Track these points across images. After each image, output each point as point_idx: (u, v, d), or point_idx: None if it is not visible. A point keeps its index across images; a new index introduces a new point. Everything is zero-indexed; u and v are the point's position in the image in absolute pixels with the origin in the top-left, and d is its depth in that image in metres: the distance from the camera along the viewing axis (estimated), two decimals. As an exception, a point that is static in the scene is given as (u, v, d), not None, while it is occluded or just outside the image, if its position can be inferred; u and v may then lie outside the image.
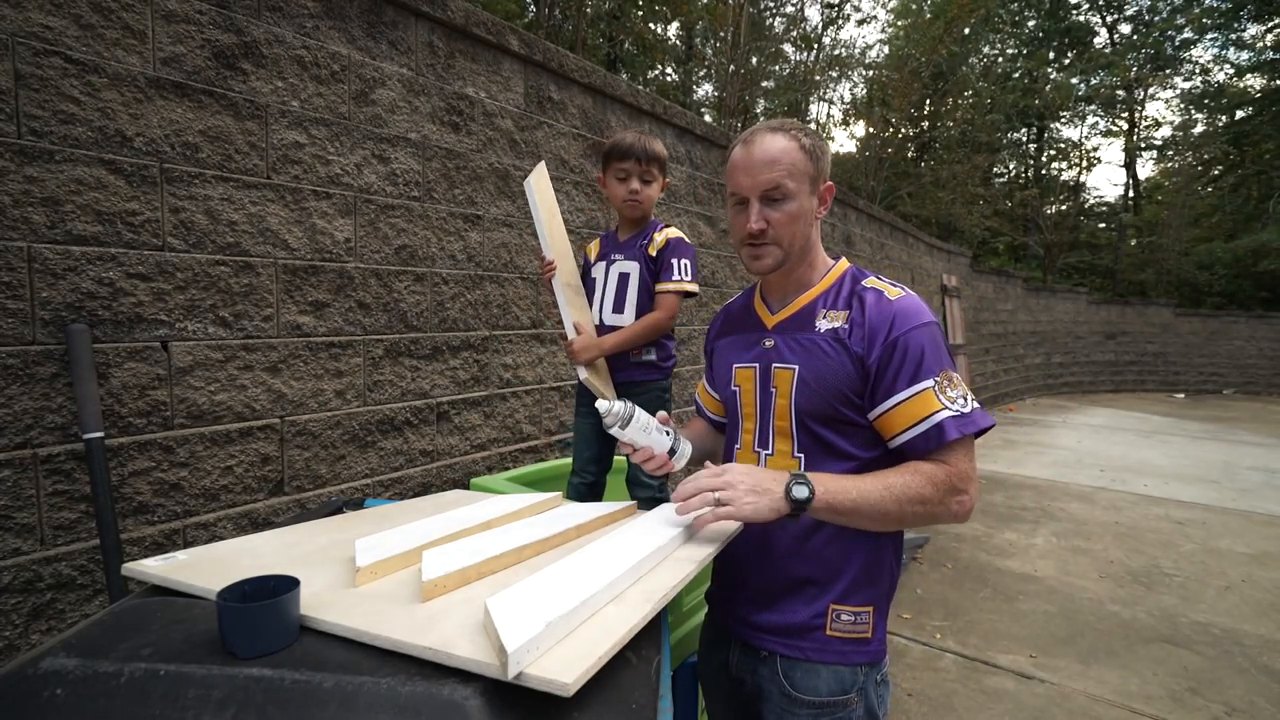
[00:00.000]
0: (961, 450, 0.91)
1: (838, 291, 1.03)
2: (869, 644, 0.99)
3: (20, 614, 1.48)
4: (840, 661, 0.97)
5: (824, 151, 1.02)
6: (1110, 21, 21.04)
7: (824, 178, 1.02)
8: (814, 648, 0.98)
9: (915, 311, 0.96)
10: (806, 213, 1.00)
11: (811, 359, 0.99)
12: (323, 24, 2.00)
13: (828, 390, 0.97)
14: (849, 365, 0.96)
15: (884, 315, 0.96)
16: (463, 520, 1.01)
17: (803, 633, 0.98)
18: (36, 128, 1.47)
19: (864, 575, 0.99)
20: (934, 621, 3.08)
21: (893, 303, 0.97)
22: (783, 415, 1.01)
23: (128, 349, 1.62)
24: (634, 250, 1.80)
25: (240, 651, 0.60)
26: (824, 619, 0.98)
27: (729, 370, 1.10)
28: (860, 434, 0.98)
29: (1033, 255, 19.60)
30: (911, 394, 0.92)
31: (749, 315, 1.14)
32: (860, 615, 0.98)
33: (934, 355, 0.93)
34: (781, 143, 0.98)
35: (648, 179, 1.77)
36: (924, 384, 0.91)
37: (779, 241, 1.00)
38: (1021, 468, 6.40)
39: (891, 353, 0.93)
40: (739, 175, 1.01)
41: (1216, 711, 2.38)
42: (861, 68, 13.56)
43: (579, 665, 0.58)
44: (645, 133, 1.82)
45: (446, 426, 2.42)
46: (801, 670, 0.98)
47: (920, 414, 0.91)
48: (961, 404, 0.91)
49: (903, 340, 0.93)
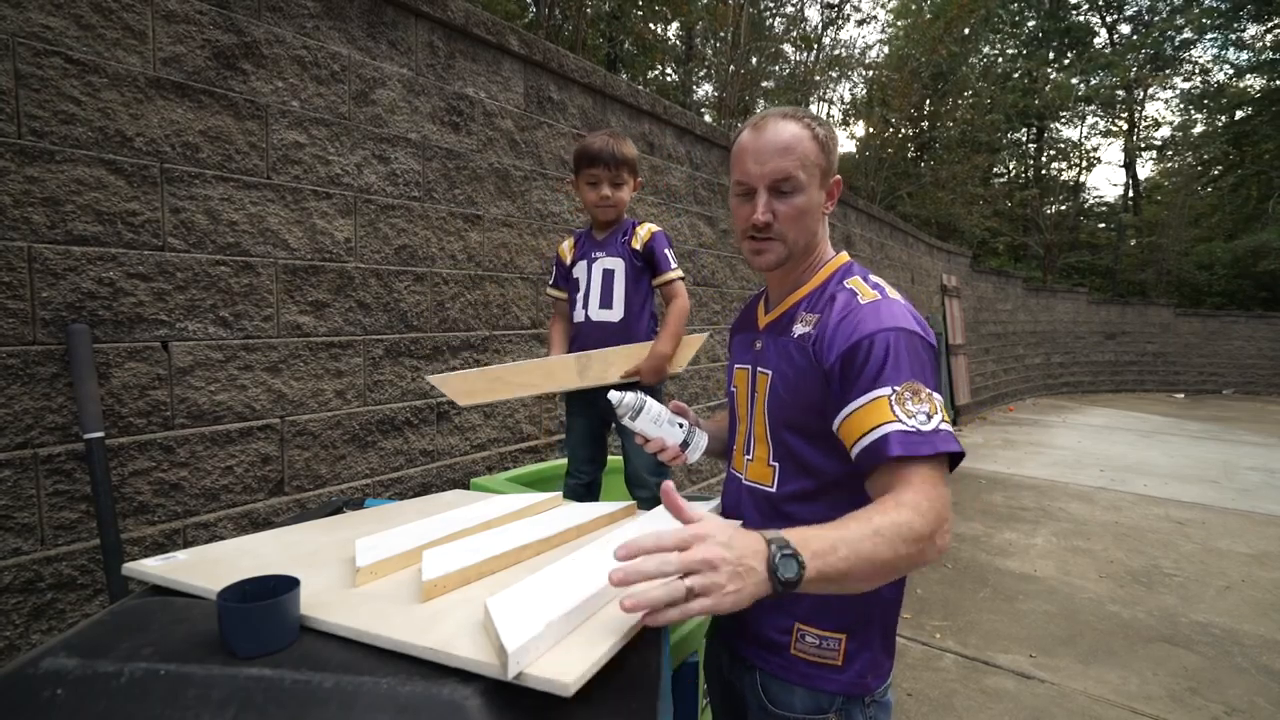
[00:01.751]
0: (929, 478, 0.78)
1: (821, 292, 0.97)
2: (840, 672, 0.91)
3: (20, 614, 1.48)
4: (806, 685, 0.92)
5: (836, 143, 0.97)
6: (1110, 21, 21.06)
7: (834, 171, 0.96)
8: (781, 664, 0.94)
9: (886, 316, 0.87)
10: (815, 207, 0.95)
11: (783, 365, 0.95)
12: (323, 24, 2.00)
13: (796, 398, 0.92)
14: (812, 373, 0.90)
15: (848, 319, 0.88)
16: (463, 520, 1.01)
17: (771, 647, 0.95)
18: (37, 128, 1.48)
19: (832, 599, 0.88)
20: (934, 621, 3.08)
21: (861, 306, 0.89)
22: (760, 421, 0.98)
23: (128, 349, 1.62)
24: (615, 247, 1.82)
25: (240, 651, 0.60)
26: (789, 637, 0.93)
27: (732, 370, 1.09)
28: (829, 446, 0.90)
29: (1033, 255, 19.61)
30: (864, 401, 0.82)
31: (751, 312, 1.12)
32: (827, 641, 0.91)
33: (898, 363, 0.83)
34: (795, 130, 0.92)
35: (618, 182, 1.79)
36: (879, 391, 0.81)
37: (784, 237, 0.94)
38: (1021, 468, 6.40)
39: (852, 357, 0.85)
40: (747, 162, 0.93)
41: (1216, 711, 2.38)
42: (861, 68, 13.57)
43: (579, 665, 0.58)
44: (616, 134, 1.82)
45: (446, 426, 2.42)
46: (776, 685, 0.94)
47: (869, 424, 0.81)
48: (920, 420, 0.79)
49: (865, 344, 0.84)
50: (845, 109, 14.28)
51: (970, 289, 10.58)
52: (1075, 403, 12.25)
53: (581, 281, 1.85)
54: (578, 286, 1.86)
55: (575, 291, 1.86)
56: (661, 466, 1.81)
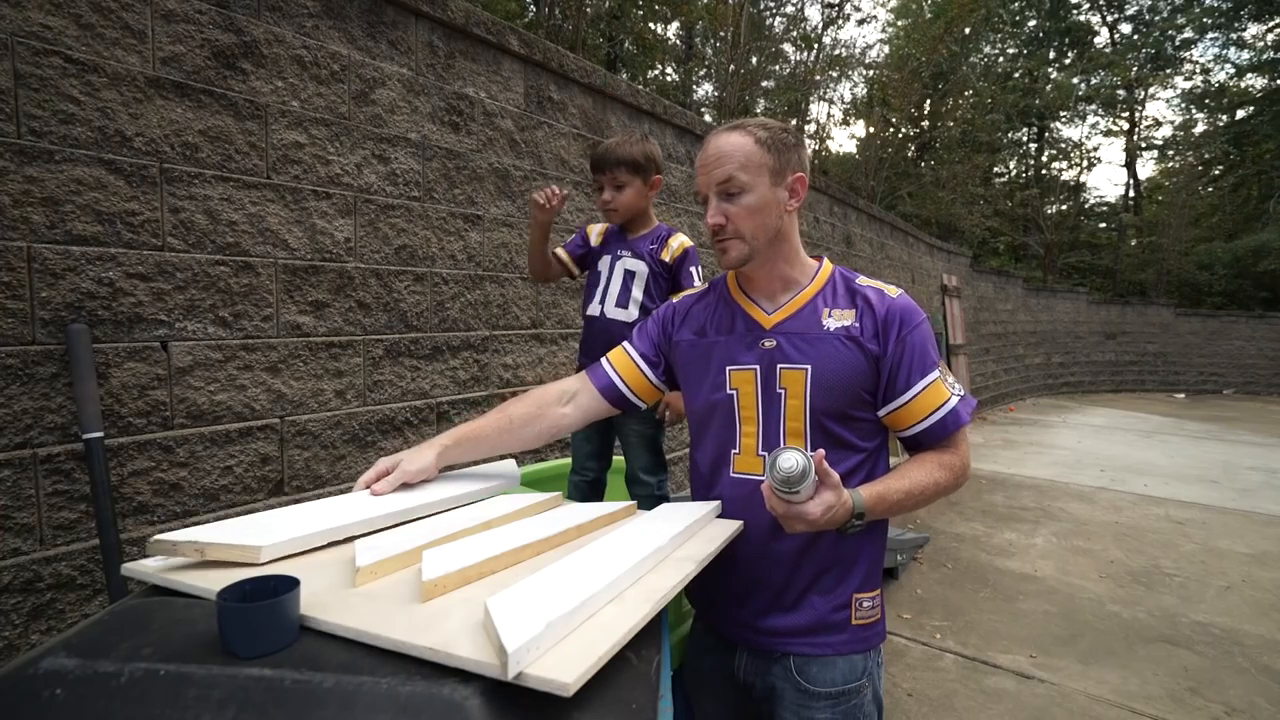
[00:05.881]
0: (960, 435, 1.02)
1: (834, 291, 1.06)
2: (879, 624, 1.06)
3: (20, 614, 1.48)
4: (859, 649, 1.02)
5: (786, 144, 1.02)
6: (1110, 21, 21.06)
7: (791, 169, 1.02)
8: (840, 640, 1.01)
9: (914, 309, 1.03)
10: (769, 204, 1.02)
11: (824, 358, 1.00)
12: (323, 24, 2.00)
13: (843, 388, 1.00)
14: (864, 363, 1.00)
15: (892, 313, 1.01)
16: (463, 520, 1.01)
17: (826, 629, 1.01)
18: (36, 128, 1.47)
19: (874, 563, 1.05)
20: (934, 621, 3.08)
21: (895, 300, 1.03)
22: (795, 415, 1.01)
23: (127, 349, 1.62)
24: (643, 250, 1.81)
25: (240, 651, 0.60)
26: (848, 610, 1.02)
27: (721, 373, 1.07)
28: (865, 427, 1.03)
29: (1033, 255, 19.60)
30: (924, 386, 0.99)
31: (734, 315, 1.11)
32: (875, 599, 1.05)
33: (933, 349, 1.01)
34: (734, 139, 1.02)
35: (619, 185, 1.78)
36: (932, 376, 0.99)
37: (740, 235, 1.03)
38: (1021, 468, 6.40)
39: (903, 350, 0.99)
40: (699, 174, 1.06)
41: (1216, 711, 2.38)
42: (861, 68, 13.56)
43: (579, 665, 0.58)
44: (631, 134, 1.82)
45: (446, 426, 2.42)
46: (817, 665, 1.00)
47: (935, 403, 0.99)
48: (960, 389, 1.02)
49: (910, 337, 0.99)
50: (845, 109, 14.28)
51: (970, 289, 10.58)
52: (1075, 403, 12.25)
53: (603, 275, 1.84)
54: (598, 280, 1.85)
55: (594, 284, 1.86)
56: (660, 466, 1.81)
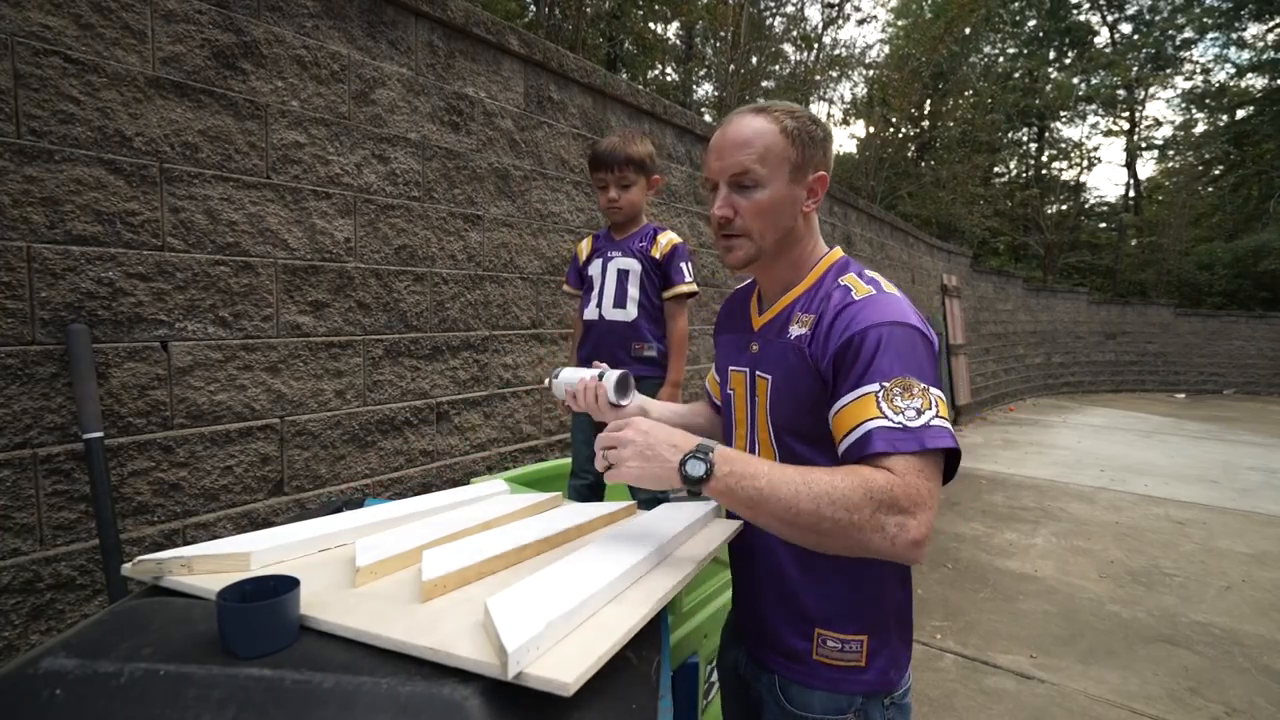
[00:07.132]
0: (912, 468, 0.75)
1: (816, 291, 0.93)
2: (863, 673, 0.90)
3: (20, 614, 1.48)
4: (828, 688, 0.91)
5: (814, 137, 0.91)
6: (1111, 21, 21.06)
7: (813, 166, 0.91)
8: (804, 671, 0.92)
9: (879, 310, 0.84)
10: (784, 203, 0.90)
11: (781, 368, 0.92)
12: (323, 24, 2.00)
13: (797, 402, 0.90)
14: (810, 376, 0.87)
15: (841, 316, 0.85)
16: (463, 520, 1.01)
17: (793, 656, 0.94)
18: (36, 128, 1.47)
19: (851, 602, 0.90)
20: (934, 621, 3.08)
21: (855, 302, 0.86)
22: (763, 426, 0.96)
23: (127, 349, 1.62)
24: (633, 249, 1.82)
25: (240, 651, 0.60)
26: (810, 643, 0.92)
27: (726, 372, 1.07)
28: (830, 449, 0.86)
29: (1033, 255, 19.60)
30: (852, 398, 0.80)
31: (744, 312, 1.08)
32: (849, 644, 0.90)
33: (889, 357, 0.80)
34: (758, 124, 0.89)
35: (625, 184, 1.78)
36: (867, 388, 0.79)
37: (748, 233, 0.91)
38: (1021, 468, 6.40)
39: (844, 354, 0.82)
40: (710, 158, 0.93)
41: (1216, 711, 2.38)
42: (861, 68, 13.56)
43: (579, 665, 0.58)
44: (631, 133, 1.81)
45: (446, 426, 2.42)
46: (795, 688, 0.93)
47: (854, 420, 0.79)
48: (908, 417, 0.76)
49: (856, 339, 0.82)
50: (845, 109, 14.29)
51: (970, 289, 10.58)
52: (1075, 403, 12.24)
53: (596, 280, 1.85)
54: (592, 285, 1.86)
55: (589, 290, 1.86)
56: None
